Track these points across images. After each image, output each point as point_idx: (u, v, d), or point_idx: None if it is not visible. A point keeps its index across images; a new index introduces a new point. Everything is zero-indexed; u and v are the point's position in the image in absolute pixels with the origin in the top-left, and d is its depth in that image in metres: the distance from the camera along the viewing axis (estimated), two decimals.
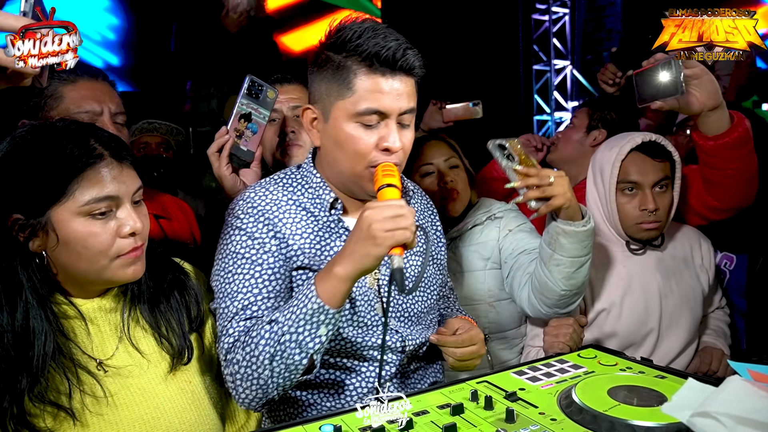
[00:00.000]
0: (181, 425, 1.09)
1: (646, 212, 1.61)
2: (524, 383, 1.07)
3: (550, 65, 7.17)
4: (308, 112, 1.21)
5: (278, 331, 1.04)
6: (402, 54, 1.10)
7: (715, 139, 1.52)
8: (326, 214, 1.21)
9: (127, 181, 1.04)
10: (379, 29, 1.12)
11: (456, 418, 0.93)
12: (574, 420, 0.90)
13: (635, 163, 1.62)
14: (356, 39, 1.10)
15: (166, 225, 1.66)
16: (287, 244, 1.17)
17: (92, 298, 1.09)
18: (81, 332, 1.06)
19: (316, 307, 1.02)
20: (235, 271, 1.14)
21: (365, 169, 1.15)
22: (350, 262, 1.02)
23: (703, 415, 0.70)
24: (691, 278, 1.73)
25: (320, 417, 0.96)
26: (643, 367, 1.13)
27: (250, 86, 1.52)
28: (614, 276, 1.69)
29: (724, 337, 1.81)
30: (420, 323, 1.28)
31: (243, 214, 1.19)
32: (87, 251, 1.00)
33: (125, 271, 1.05)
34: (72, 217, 0.98)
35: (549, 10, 7.05)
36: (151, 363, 1.10)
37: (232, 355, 1.08)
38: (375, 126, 1.13)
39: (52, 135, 1.00)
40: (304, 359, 1.04)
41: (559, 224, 1.37)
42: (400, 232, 0.99)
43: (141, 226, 1.04)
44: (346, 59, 1.12)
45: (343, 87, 1.12)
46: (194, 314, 1.18)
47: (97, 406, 1.01)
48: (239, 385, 1.07)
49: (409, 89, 1.14)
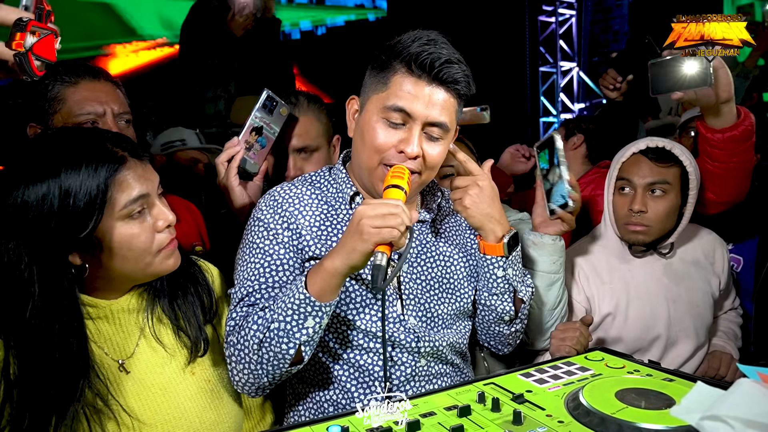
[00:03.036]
0: (202, 424, 1.10)
1: (631, 213, 1.60)
2: (531, 385, 1.07)
3: (557, 67, 7.17)
4: (353, 102, 1.26)
5: (269, 317, 1.07)
6: (441, 63, 1.11)
7: (723, 131, 1.57)
8: (346, 207, 1.24)
9: (151, 177, 1.07)
10: (437, 40, 1.14)
11: (463, 419, 0.93)
12: (581, 422, 0.90)
13: (633, 163, 1.63)
14: (410, 44, 1.13)
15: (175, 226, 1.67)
16: (300, 234, 1.20)
17: (117, 298, 1.10)
18: (104, 332, 1.07)
19: (302, 298, 1.04)
20: (248, 259, 1.19)
21: (378, 165, 1.16)
22: (338, 256, 1.03)
23: (713, 418, 0.70)
24: (702, 282, 1.71)
25: (328, 418, 0.96)
26: (651, 370, 1.12)
27: (266, 101, 1.53)
28: (619, 281, 1.68)
29: (735, 340, 1.79)
30: (446, 326, 1.27)
31: (265, 206, 1.23)
32: (132, 252, 1.03)
33: (168, 263, 1.09)
34: (113, 224, 1.00)
35: (555, 11, 7.05)
36: (173, 357, 1.12)
37: (231, 338, 1.12)
38: (399, 127, 1.14)
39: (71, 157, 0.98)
40: (292, 349, 1.05)
41: (530, 236, 1.46)
42: (387, 230, 1.00)
43: (173, 218, 1.08)
44: (392, 59, 1.15)
45: (381, 83, 1.16)
46: (207, 305, 1.20)
47: (122, 412, 1.02)
48: (234, 367, 1.11)
49: (445, 102, 1.14)
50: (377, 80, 1.17)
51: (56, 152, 0.99)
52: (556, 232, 1.45)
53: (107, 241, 1.00)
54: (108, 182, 0.98)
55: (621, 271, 1.69)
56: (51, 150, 1.00)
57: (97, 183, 0.97)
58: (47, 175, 0.95)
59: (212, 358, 1.18)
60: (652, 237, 1.64)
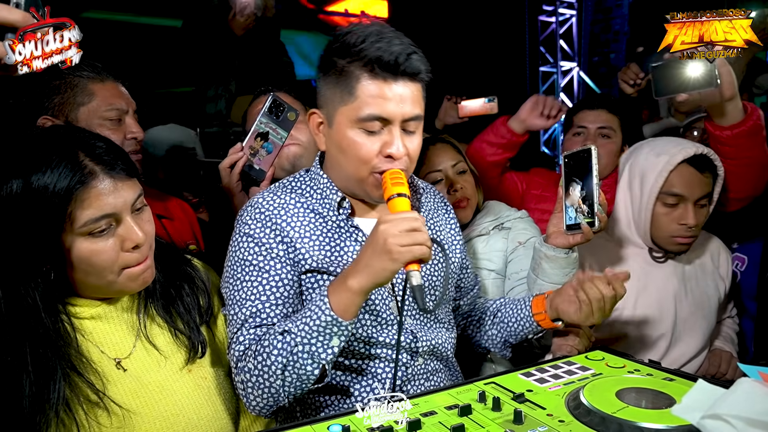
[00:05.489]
0: (200, 421, 1.10)
1: (684, 227, 1.57)
2: (532, 384, 1.07)
3: (557, 67, 7.17)
4: (314, 117, 1.21)
5: (291, 341, 1.03)
6: (405, 58, 1.08)
7: (731, 128, 1.57)
8: (335, 214, 1.21)
9: (124, 193, 1.00)
10: (385, 33, 1.10)
11: (464, 419, 0.93)
12: (582, 422, 0.90)
13: (683, 175, 1.56)
14: (360, 44, 1.09)
15: (169, 225, 1.69)
16: (295, 248, 1.16)
17: (109, 298, 1.09)
18: (99, 332, 1.07)
19: (330, 320, 1.02)
20: (243, 278, 1.14)
21: (369, 175, 1.14)
22: (365, 276, 1.01)
23: (714, 417, 0.70)
24: (707, 285, 1.71)
25: (328, 417, 0.96)
26: (652, 369, 1.12)
27: (272, 105, 1.50)
28: (632, 279, 1.67)
29: (732, 344, 1.81)
30: (437, 323, 1.27)
31: (251, 220, 1.18)
32: (93, 268, 1.00)
33: (134, 283, 1.05)
34: (74, 239, 0.97)
35: (556, 11, 7.05)
36: (168, 359, 1.12)
37: (243, 364, 1.08)
38: (378, 132, 1.11)
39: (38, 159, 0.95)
40: (316, 369, 1.04)
41: (543, 249, 1.42)
42: (417, 247, 0.99)
43: (143, 237, 1.03)
44: (349, 64, 1.10)
45: (345, 93, 1.11)
46: (204, 306, 1.19)
47: (116, 407, 1.02)
48: (250, 393, 1.07)
49: (414, 95, 1.12)
50: (340, 90, 1.11)
51: (27, 155, 0.96)
52: (571, 245, 1.41)
53: (70, 255, 0.98)
54: (69, 198, 0.94)
55: (634, 270, 1.67)
56: (23, 152, 0.97)
57: (57, 197, 0.93)
58: (15, 175, 0.94)
59: (208, 356, 1.18)
60: (691, 245, 1.64)
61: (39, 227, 0.95)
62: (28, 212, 0.94)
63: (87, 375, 0.99)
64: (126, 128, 1.49)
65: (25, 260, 0.96)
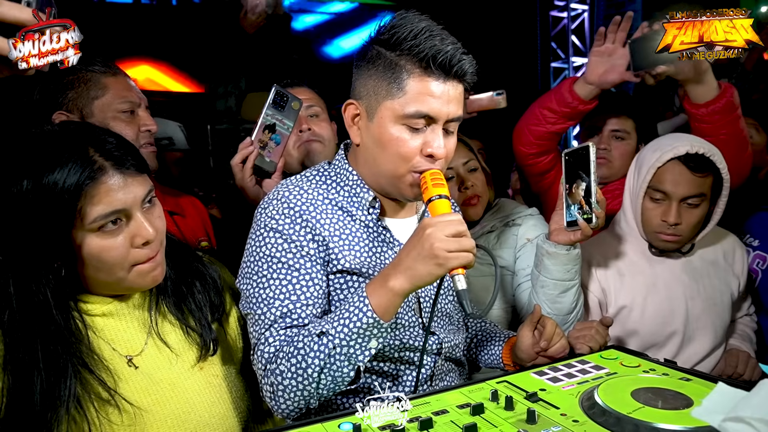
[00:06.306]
0: (211, 419, 1.09)
1: (666, 224, 1.56)
2: (545, 384, 1.05)
3: (569, 63, 7.09)
4: (351, 108, 1.17)
5: (329, 344, 1.01)
6: (458, 60, 1.08)
7: (706, 105, 1.66)
8: (364, 213, 1.18)
9: (134, 189, 1.00)
10: (435, 31, 1.09)
11: (476, 418, 0.92)
12: (596, 422, 0.89)
13: (671, 173, 1.54)
14: (412, 39, 1.07)
15: (181, 222, 1.69)
16: (327, 247, 1.13)
17: (120, 295, 1.09)
18: (110, 329, 1.07)
19: (371, 322, 1.01)
20: (271, 276, 1.10)
21: (407, 173, 1.12)
22: (408, 279, 1.00)
23: (736, 419, 0.68)
24: (720, 282, 1.69)
25: (340, 415, 0.95)
26: (667, 369, 1.10)
27: (275, 97, 1.51)
28: (639, 274, 1.66)
29: (750, 342, 1.77)
30: (452, 324, 1.27)
31: (278, 214, 1.13)
32: (103, 264, 1.00)
33: (144, 279, 1.05)
34: (85, 235, 0.97)
35: (567, 6, 6.97)
36: (180, 357, 1.11)
37: (274, 366, 1.05)
38: (421, 130, 1.10)
39: (49, 155, 0.95)
40: (352, 371, 1.04)
41: (544, 245, 1.44)
42: (464, 254, 0.98)
43: (154, 233, 1.02)
44: (399, 58, 1.08)
45: (393, 86, 1.09)
46: (216, 303, 1.18)
47: (128, 405, 1.02)
48: (281, 396, 1.04)
49: (459, 96, 1.12)
50: (387, 83, 1.09)
51: (37, 152, 0.96)
52: (571, 242, 1.42)
53: (79, 250, 0.98)
54: (78, 195, 0.94)
55: (640, 266, 1.67)
56: (34, 148, 0.97)
57: (67, 193, 0.93)
58: (25, 171, 0.94)
59: (220, 354, 1.17)
60: (681, 244, 1.63)
61: (49, 224, 0.95)
62: (39, 209, 0.94)
63: (98, 372, 0.99)
64: (140, 120, 1.51)
65: (36, 257, 0.97)
